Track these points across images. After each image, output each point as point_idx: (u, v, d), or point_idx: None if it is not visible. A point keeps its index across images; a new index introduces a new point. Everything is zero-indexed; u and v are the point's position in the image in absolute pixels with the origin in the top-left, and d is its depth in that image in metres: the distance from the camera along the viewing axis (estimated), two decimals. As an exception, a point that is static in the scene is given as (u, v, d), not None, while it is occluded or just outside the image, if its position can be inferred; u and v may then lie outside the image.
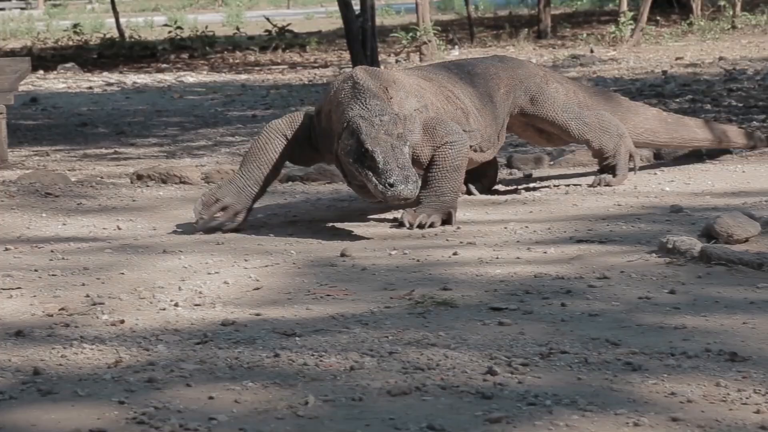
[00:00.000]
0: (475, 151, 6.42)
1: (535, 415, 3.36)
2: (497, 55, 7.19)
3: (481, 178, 6.95)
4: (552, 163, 7.89)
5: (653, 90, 12.05)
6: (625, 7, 18.96)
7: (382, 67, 14.84)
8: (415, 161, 6.02)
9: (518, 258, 5.32)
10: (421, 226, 5.96)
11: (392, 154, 5.60)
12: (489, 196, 6.90)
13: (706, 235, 5.47)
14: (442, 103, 6.30)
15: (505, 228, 5.98)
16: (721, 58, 14.89)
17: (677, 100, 11.27)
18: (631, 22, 17.65)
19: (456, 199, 6.09)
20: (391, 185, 5.54)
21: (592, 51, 16.56)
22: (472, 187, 6.90)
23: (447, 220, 6.02)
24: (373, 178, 5.58)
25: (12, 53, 19.98)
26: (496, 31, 20.67)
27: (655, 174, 7.33)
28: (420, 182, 5.67)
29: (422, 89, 6.24)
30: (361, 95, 5.81)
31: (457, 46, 18.32)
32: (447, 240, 5.76)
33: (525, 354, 3.91)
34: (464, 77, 6.59)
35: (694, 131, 7.34)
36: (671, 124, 7.23)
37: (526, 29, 19.74)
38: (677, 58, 15.17)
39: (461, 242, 5.69)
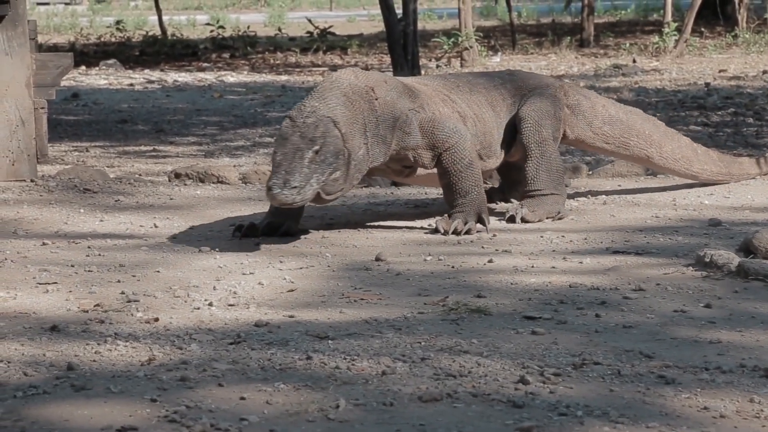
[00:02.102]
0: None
1: (566, 426, 3.34)
2: (508, 70, 7.17)
3: (517, 185, 6.92)
4: (590, 173, 7.86)
5: (695, 102, 11.98)
6: (669, 17, 18.86)
7: (423, 72, 14.86)
8: (418, 163, 6.07)
9: (553, 267, 5.30)
10: (456, 233, 5.95)
11: (289, 158, 5.57)
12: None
13: (744, 249, 5.42)
14: (440, 106, 6.24)
15: (541, 237, 5.96)
16: (765, 72, 14.79)
17: (719, 112, 11.20)
18: (675, 32, 17.56)
19: (482, 193, 6.07)
20: (269, 188, 5.55)
21: (634, 61, 16.49)
22: (510, 199, 6.89)
23: (480, 220, 6.02)
24: None
25: (55, 48, 20.12)
26: (539, 39, 20.61)
27: (695, 187, 7.28)
28: (309, 189, 5.56)
29: (417, 90, 6.18)
30: (310, 94, 5.88)
31: (499, 53, 18.29)
32: (482, 247, 5.75)
33: (558, 364, 3.89)
34: (463, 85, 6.53)
35: (718, 165, 7.20)
36: (701, 155, 7.10)
37: (569, 37, 19.68)
38: (721, 71, 15.08)
39: (496, 250, 5.68)
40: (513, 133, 6.51)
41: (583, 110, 6.69)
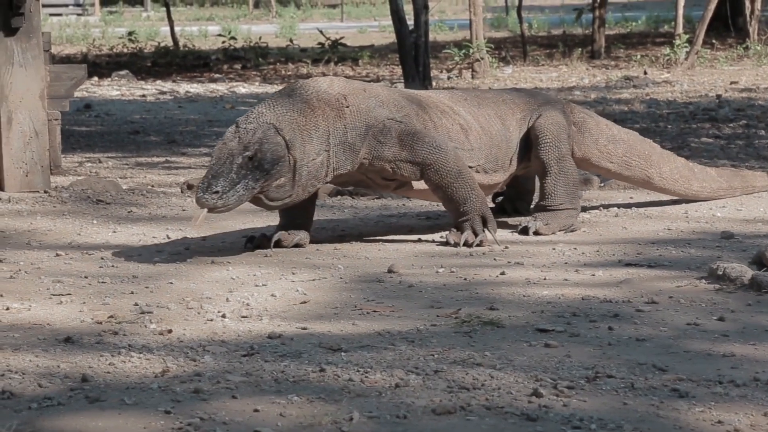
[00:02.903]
0: (478, 172, 6.27)
1: (580, 440, 3.35)
2: (515, 88, 7.17)
3: (524, 195, 6.92)
4: (602, 185, 7.86)
5: (707, 114, 11.97)
6: (680, 29, 18.86)
7: (434, 83, 14.88)
8: (398, 176, 6.00)
9: (566, 280, 5.30)
10: (467, 245, 5.96)
11: (220, 162, 5.55)
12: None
13: (757, 262, 5.42)
14: (435, 117, 6.18)
15: (554, 249, 5.96)
16: (776, 83, 14.78)
17: (731, 125, 11.19)
18: (687, 44, 17.56)
19: (480, 197, 6.01)
20: (196, 191, 5.57)
21: (645, 73, 16.49)
22: (518, 208, 6.90)
23: (485, 223, 6.01)
24: None
25: (68, 59, 20.17)
26: (550, 50, 20.62)
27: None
28: (233, 195, 5.52)
29: (407, 101, 6.13)
30: (265, 99, 5.90)
31: (510, 64, 18.31)
32: (495, 259, 5.76)
33: (571, 377, 3.90)
34: (471, 99, 6.50)
35: (718, 181, 7.18)
36: (698, 174, 7.07)
37: (580, 49, 19.68)
38: (732, 83, 15.07)
39: (509, 262, 5.68)
40: (523, 148, 6.49)
41: (589, 128, 6.68)
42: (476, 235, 6.00)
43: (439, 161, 5.94)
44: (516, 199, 6.94)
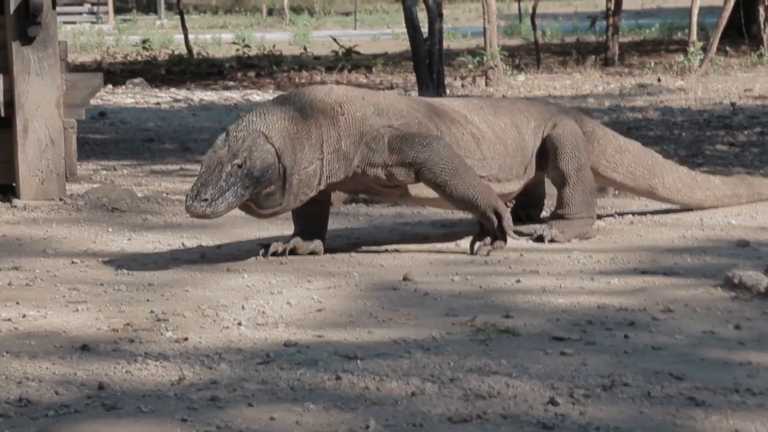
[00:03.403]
0: (490, 181, 6.21)
1: (597, 448, 3.35)
2: (527, 97, 7.14)
3: (536, 200, 6.91)
4: (617, 192, 7.84)
5: (721, 121, 11.95)
6: (694, 36, 18.83)
7: (447, 91, 14.88)
8: (394, 181, 5.95)
9: (581, 288, 5.30)
10: (499, 248, 6.00)
11: (210, 170, 5.54)
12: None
13: (772, 270, 5.41)
14: (443, 126, 6.11)
15: (569, 257, 5.96)
16: (790, 91, 14.76)
17: (745, 132, 11.17)
18: (700, 52, 17.53)
19: (488, 192, 5.96)
20: (185, 199, 5.57)
21: (659, 80, 16.46)
22: (530, 214, 6.90)
23: (499, 221, 5.96)
24: None
25: (83, 67, 20.23)
26: (563, 58, 20.61)
27: (721, 207, 7.25)
28: (222, 203, 5.50)
29: (405, 111, 6.04)
30: (257, 107, 5.88)
31: (524, 72, 18.31)
32: (510, 267, 5.76)
33: (587, 385, 3.89)
34: (487, 107, 6.44)
35: (722, 188, 7.16)
36: (701, 182, 7.04)
37: (594, 56, 19.66)
38: (746, 90, 15.04)
39: (524, 270, 5.68)
40: (538, 157, 6.47)
41: (598, 138, 6.66)
42: (493, 236, 6.00)
43: (430, 159, 5.86)
44: (529, 206, 6.92)
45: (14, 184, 7.69)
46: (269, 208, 5.77)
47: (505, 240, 6.02)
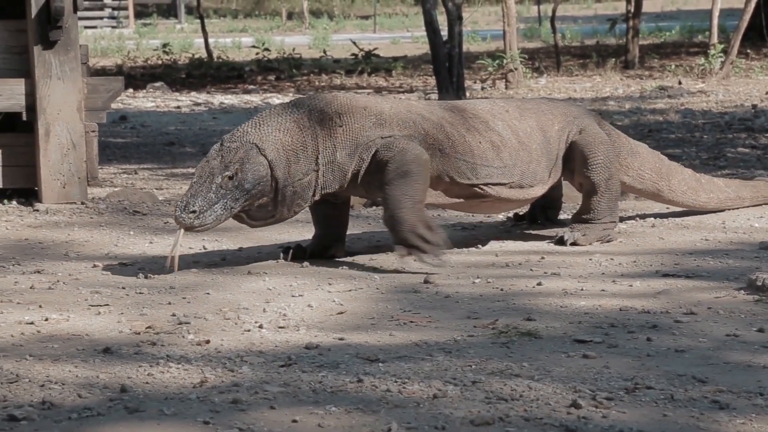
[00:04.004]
0: (512, 188, 6.15)
1: (620, 451, 3.33)
2: (545, 97, 7.05)
3: (554, 202, 6.86)
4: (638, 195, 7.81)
5: (743, 124, 11.91)
6: (715, 39, 18.77)
7: (467, 94, 14.87)
8: (377, 192, 5.85)
9: (603, 290, 5.28)
10: (420, 260, 5.66)
11: (201, 181, 5.52)
12: (574, 227, 6.84)
13: (795, 273, 5.38)
14: (456, 135, 5.99)
15: (590, 259, 5.94)
16: (812, 93, 14.69)
17: (767, 134, 11.12)
18: (721, 54, 17.47)
19: (417, 205, 5.69)
20: (174, 209, 5.55)
21: (680, 83, 16.41)
22: (548, 216, 6.87)
23: (421, 244, 5.64)
24: None
25: (103, 71, 20.30)
26: (583, 60, 20.58)
27: (744, 209, 7.22)
28: (210, 215, 5.48)
29: (412, 121, 5.92)
30: (253, 117, 5.83)
31: (545, 75, 18.28)
32: (531, 270, 5.74)
33: (610, 388, 3.88)
34: (513, 110, 6.32)
35: (726, 191, 7.12)
36: (705, 185, 7.01)
37: (614, 59, 19.62)
38: None
39: (545, 273, 5.67)
40: (564, 160, 6.42)
41: (613, 140, 6.62)
42: (421, 259, 5.68)
43: (393, 156, 5.71)
44: (547, 208, 6.88)
45: (36, 188, 7.72)
46: (261, 220, 5.74)
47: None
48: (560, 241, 6.32)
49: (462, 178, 6.02)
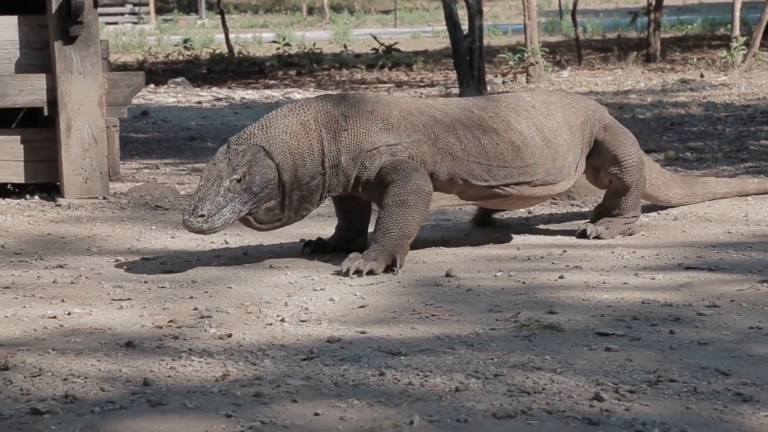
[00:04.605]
0: (535, 186, 6.07)
1: (643, 444, 3.32)
2: (556, 90, 6.94)
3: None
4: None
5: (765, 117, 11.85)
6: (737, 31, 18.69)
7: (488, 87, 14.84)
8: (377, 202, 5.80)
9: (625, 283, 5.27)
10: (358, 273, 5.48)
11: (208, 184, 5.48)
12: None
13: (819, 265, 5.36)
14: (469, 138, 5.89)
15: (612, 252, 5.93)
16: (835, 85, 14.60)
17: (789, 127, 11.07)
18: (743, 47, 17.39)
19: (402, 238, 5.61)
20: (183, 213, 5.51)
21: (702, 76, 16.35)
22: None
23: (391, 265, 5.56)
24: None
25: (124, 67, 20.35)
26: (604, 54, 20.52)
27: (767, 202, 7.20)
28: (219, 219, 5.45)
29: (422, 125, 5.83)
30: (260, 119, 5.76)
31: (567, 68, 18.24)
32: (553, 263, 5.73)
33: (632, 381, 3.87)
34: (539, 106, 6.22)
35: (682, 187, 7.04)
36: (669, 179, 6.93)
37: (635, 52, 19.56)
38: (790, 85, 14.92)
39: (567, 266, 5.65)
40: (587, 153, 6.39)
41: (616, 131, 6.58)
42: (369, 270, 5.51)
43: (397, 180, 5.64)
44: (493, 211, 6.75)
45: (58, 183, 7.74)
46: (269, 223, 5.71)
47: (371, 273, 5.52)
48: (583, 235, 6.31)
49: (477, 180, 5.94)
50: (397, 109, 5.88)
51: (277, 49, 22.38)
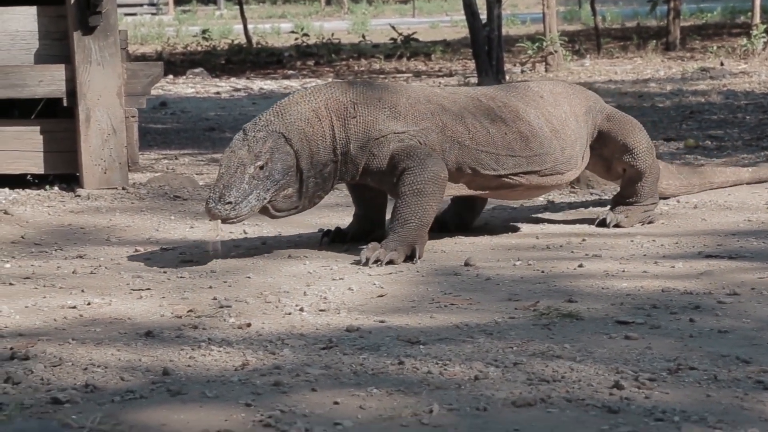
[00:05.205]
0: (544, 176, 6.03)
1: (663, 431, 3.31)
2: (550, 79, 6.90)
3: (473, 204, 6.63)
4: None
5: (785, 104, 11.80)
6: (757, 19, 18.60)
7: (507, 77, 14.81)
8: (388, 190, 5.81)
9: (645, 272, 5.25)
10: (377, 262, 5.48)
11: (231, 172, 5.43)
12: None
13: (840, 253, 5.33)
14: (477, 126, 5.87)
15: (632, 241, 5.91)
16: None
17: (810, 114, 11.02)
18: (764, 35, 17.30)
19: (421, 228, 5.61)
20: (206, 201, 5.45)
21: (722, 64, 16.27)
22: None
23: (411, 255, 5.56)
24: None
25: (143, 57, 20.38)
26: (624, 43, 20.45)
27: (787, 190, 7.17)
28: (245, 206, 5.41)
29: (429, 113, 5.81)
30: (272, 106, 5.72)
31: (588, 56, 18.19)
32: (572, 252, 5.72)
33: (652, 369, 3.86)
34: (547, 96, 6.19)
35: (679, 178, 7.03)
36: (662, 169, 6.91)
37: (655, 41, 19.48)
38: (810, 72, 14.84)
39: (587, 254, 5.64)
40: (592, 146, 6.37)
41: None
42: (389, 260, 5.51)
43: (413, 167, 5.62)
44: (465, 211, 6.60)
45: (78, 174, 7.76)
46: (285, 211, 5.67)
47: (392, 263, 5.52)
48: (602, 223, 6.29)
49: (486, 169, 5.91)
50: (404, 96, 5.86)
51: (296, 39, 22.38)
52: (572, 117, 6.21)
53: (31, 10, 7.72)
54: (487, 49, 14.27)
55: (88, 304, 4.87)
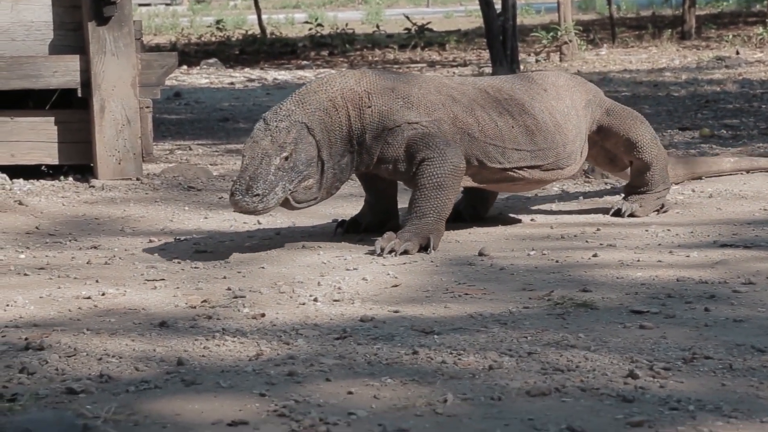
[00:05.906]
0: (546, 170, 6.02)
1: (678, 420, 3.30)
2: (542, 70, 6.88)
3: (485, 195, 6.62)
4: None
5: (801, 93, 11.76)
6: (772, 7, 18.54)
7: (521, 66, 14.78)
8: (395, 176, 5.78)
9: (660, 261, 5.24)
10: (392, 252, 5.48)
11: (256, 163, 5.36)
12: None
13: None
14: (486, 119, 5.85)
15: (646, 231, 5.89)
16: None
17: (826, 103, 10.98)
18: (779, 23, 17.26)
19: (439, 221, 5.61)
20: (231, 193, 5.36)
21: (737, 53, 16.21)
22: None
23: (425, 246, 5.54)
24: None
25: (157, 48, 20.39)
26: (639, 32, 20.39)
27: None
28: (273, 198, 5.36)
29: (440, 104, 5.79)
30: (291, 96, 5.66)
31: (605, 46, 18.14)
32: (587, 242, 5.70)
33: (667, 358, 3.85)
34: (551, 89, 6.15)
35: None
36: (681, 160, 6.90)
37: (670, 30, 19.43)
38: (826, 61, 14.78)
39: (601, 244, 5.63)
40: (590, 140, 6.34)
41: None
42: (404, 250, 5.52)
43: (433, 158, 5.59)
44: (478, 202, 6.57)
45: (92, 164, 7.77)
46: (304, 202, 5.61)
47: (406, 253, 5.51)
48: (617, 213, 6.28)
49: (492, 162, 5.88)
50: (416, 86, 5.84)
51: (310, 29, 22.38)
52: (573, 111, 6.19)
53: (46, 1, 7.73)
54: (502, 38, 14.25)
55: (103, 294, 4.88)
